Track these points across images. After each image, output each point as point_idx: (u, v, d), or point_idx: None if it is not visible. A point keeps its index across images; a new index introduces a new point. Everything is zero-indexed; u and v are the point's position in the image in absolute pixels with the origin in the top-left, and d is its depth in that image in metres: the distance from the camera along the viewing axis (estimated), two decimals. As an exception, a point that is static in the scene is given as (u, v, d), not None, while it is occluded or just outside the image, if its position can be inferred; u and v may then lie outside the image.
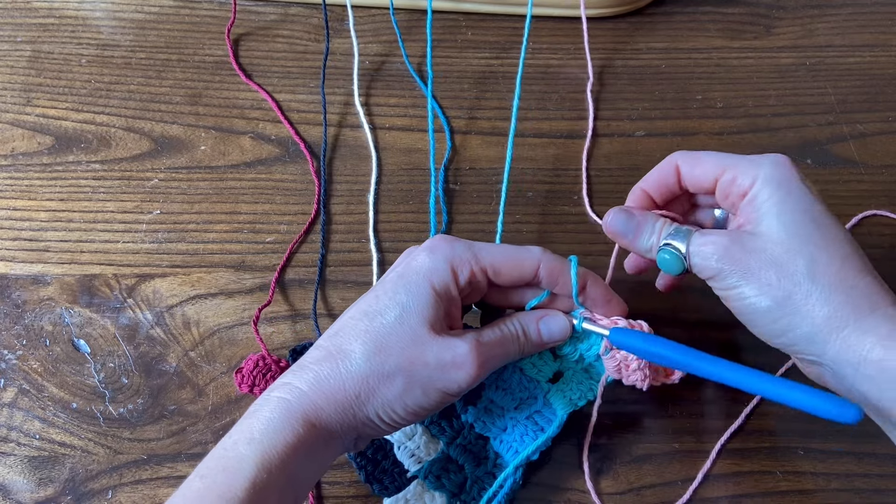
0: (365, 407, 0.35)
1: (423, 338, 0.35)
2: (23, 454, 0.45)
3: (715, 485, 0.44)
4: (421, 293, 0.36)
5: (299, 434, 0.34)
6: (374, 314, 0.36)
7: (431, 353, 0.35)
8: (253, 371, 0.45)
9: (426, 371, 0.35)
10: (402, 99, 0.58)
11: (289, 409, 0.34)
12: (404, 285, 0.36)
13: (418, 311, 0.35)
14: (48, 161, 0.55)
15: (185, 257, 0.51)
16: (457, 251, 0.37)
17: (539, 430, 0.42)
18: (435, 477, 0.42)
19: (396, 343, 0.35)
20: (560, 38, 0.61)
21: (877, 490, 0.44)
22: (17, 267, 0.51)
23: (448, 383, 0.35)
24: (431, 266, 0.36)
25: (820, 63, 0.60)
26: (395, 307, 0.36)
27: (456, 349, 0.35)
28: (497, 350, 0.37)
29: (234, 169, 0.54)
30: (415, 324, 0.35)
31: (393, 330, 0.35)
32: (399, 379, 0.35)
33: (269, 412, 0.34)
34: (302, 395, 0.35)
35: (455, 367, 0.35)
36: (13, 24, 0.61)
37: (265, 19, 0.62)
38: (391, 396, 0.35)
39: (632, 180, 0.53)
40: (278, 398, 0.35)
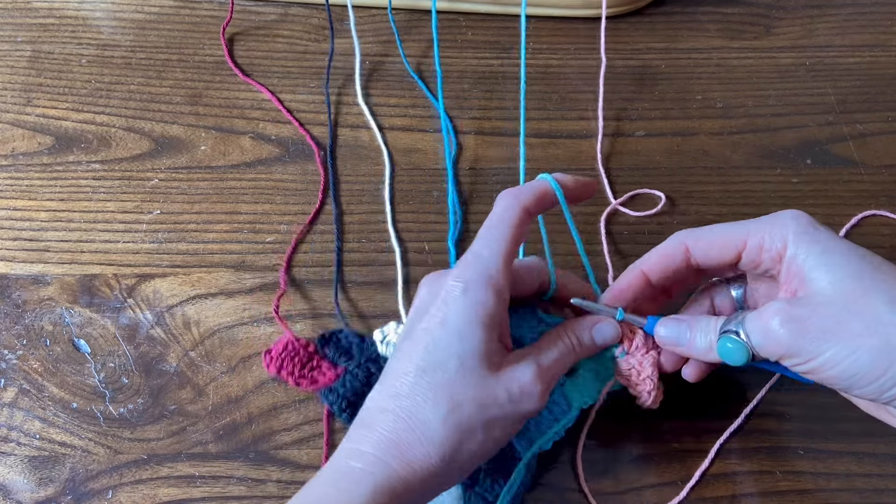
0: (454, 467, 0.34)
1: (489, 379, 0.34)
2: (23, 454, 0.45)
3: (715, 485, 0.44)
4: (474, 335, 0.34)
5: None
6: (434, 367, 0.34)
7: (501, 393, 0.34)
8: (282, 353, 0.45)
9: (501, 411, 0.34)
10: (402, 99, 0.58)
11: (374, 484, 0.32)
12: (453, 330, 0.34)
13: (476, 354, 0.34)
14: (48, 161, 0.55)
15: (185, 257, 0.51)
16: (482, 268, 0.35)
17: (554, 419, 0.41)
18: None
19: (466, 394, 0.34)
20: (560, 38, 0.61)
21: (877, 490, 0.44)
22: (17, 267, 0.51)
23: (521, 414, 0.35)
24: (475, 300, 0.34)
25: (820, 63, 0.60)
26: (454, 357, 0.34)
27: (522, 380, 0.34)
28: (557, 368, 0.37)
29: (234, 169, 0.54)
30: (477, 368, 0.34)
31: (459, 381, 0.34)
32: (480, 432, 0.34)
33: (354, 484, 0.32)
34: (388, 470, 0.33)
35: (525, 397, 0.34)
36: (13, 24, 0.61)
37: (265, 19, 0.62)
38: (477, 450, 0.34)
39: (631, 180, 0.54)
40: (361, 471, 0.33)
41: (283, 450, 0.45)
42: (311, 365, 0.46)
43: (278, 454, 0.45)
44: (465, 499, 0.42)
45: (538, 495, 0.43)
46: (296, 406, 0.46)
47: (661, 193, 0.53)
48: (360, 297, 0.50)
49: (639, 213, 0.52)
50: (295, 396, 0.46)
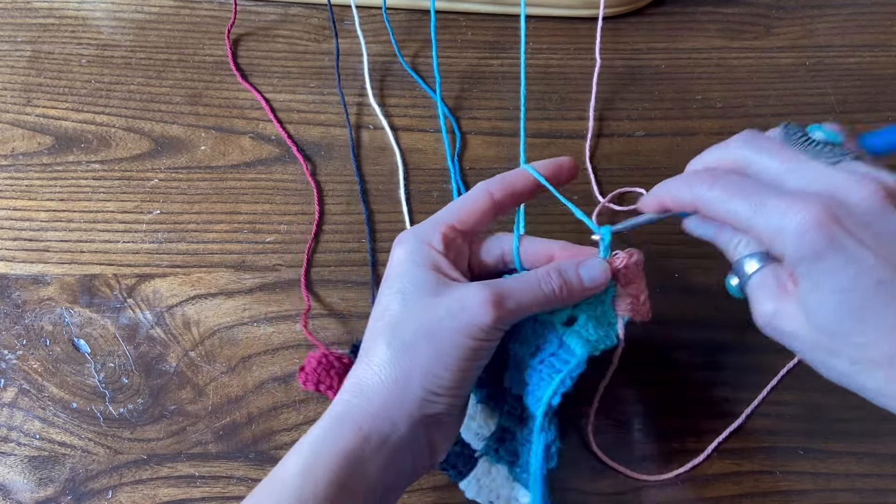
0: (408, 387, 0.35)
1: (430, 302, 0.35)
2: (23, 454, 0.45)
3: (715, 485, 0.44)
4: (411, 273, 0.36)
5: (346, 440, 0.33)
6: (381, 313, 0.36)
7: (442, 308, 0.35)
8: (316, 368, 0.45)
9: (444, 325, 0.34)
10: (402, 99, 0.58)
11: (334, 417, 0.35)
12: (394, 278, 0.37)
13: (415, 287, 0.36)
14: (48, 161, 0.55)
15: (185, 257, 0.51)
16: (419, 228, 0.38)
17: (556, 371, 0.39)
18: (494, 451, 0.42)
19: (408, 319, 0.35)
20: (560, 38, 0.61)
21: (877, 490, 0.44)
22: (17, 267, 0.51)
23: (469, 328, 0.34)
24: (406, 250, 0.37)
25: (820, 63, 0.60)
26: (395, 296, 0.36)
27: (464, 293, 0.35)
28: (517, 289, 0.36)
29: (234, 169, 0.54)
30: (417, 297, 0.35)
31: (401, 313, 0.36)
32: (424, 345, 0.35)
33: (317, 425, 0.35)
34: (345, 403, 0.35)
35: (467, 310, 0.34)
36: (13, 24, 0.61)
37: (265, 19, 0.62)
38: (426, 363, 0.35)
39: (632, 180, 0.54)
40: (327, 413, 0.35)
41: (283, 450, 0.45)
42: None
43: (278, 454, 0.45)
44: (512, 476, 0.41)
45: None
46: (296, 406, 0.46)
47: (643, 190, 0.53)
48: (354, 299, 0.50)
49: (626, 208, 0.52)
50: (295, 396, 0.46)
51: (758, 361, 0.47)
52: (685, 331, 0.48)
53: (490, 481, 0.42)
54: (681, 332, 0.48)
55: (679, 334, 0.48)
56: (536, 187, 0.39)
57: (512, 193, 0.39)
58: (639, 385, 0.46)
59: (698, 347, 0.48)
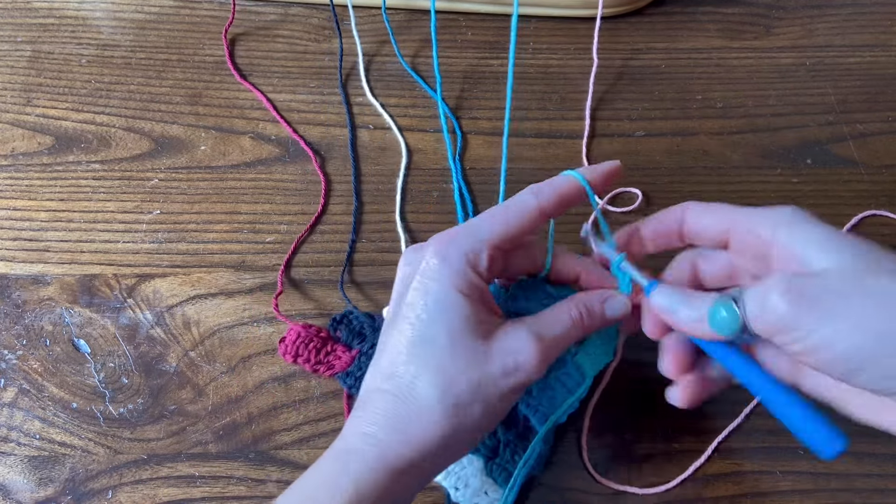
0: (455, 444, 0.34)
1: (481, 352, 0.34)
2: (23, 454, 0.45)
3: (715, 485, 0.44)
4: (456, 304, 0.34)
5: (383, 485, 0.33)
6: (423, 342, 0.34)
7: (495, 365, 0.34)
8: (296, 341, 0.46)
9: (496, 385, 0.34)
10: (402, 99, 0.58)
11: (374, 461, 0.33)
12: (435, 303, 0.34)
13: (463, 324, 0.34)
14: (48, 161, 0.55)
15: (185, 257, 0.51)
16: (465, 244, 0.35)
17: (568, 391, 0.40)
18: None
19: (459, 368, 0.33)
20: (560, 38, 0.61)
21: (877, 490, 0.44)
22: (17, 267, 0.51)
23: (521, 385, 0.34)
24: (451, 271, 0.34)
25: (820, 63, 0.60)
26: (442, 329, 0.34)
27: (517, 352, 0.34)
28: (561, 340, 0.36)
29: (234, 169, 0.54)
30: (467, 339, 0.34)
31: (450, 355, 0.33)
32: (477, 406, 0.34)
33: (354, 462, 0.33)
34: (386, 448, 0.33)
35: (522, 368, 0.34)
36: (13, 24, 0.61)
37: (265, 19, 0.62)
38: (476, 423, 0.34)
39: (632, 180, 0.54)
40: (362, 450, 0.33)
41: (283, 450, 0.45)
42: (326, 350, 0.46)
43: (278, 454, 0.45)
44: (487, 470, 0.42)
45: (540, 495, 0.44)
46: (296, 406, 0.46)
47: (638, 191, 0.53)
48: (364, 295, 0.50)
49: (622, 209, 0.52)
50: (295, 396, 0.46)
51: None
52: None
53: (459, 469, 0.42)
54: (681, 332, 0.48)
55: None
56: (581, 195, 0.37)
57: (559, 203, 0.37)
58: (638, 385, 0.46)
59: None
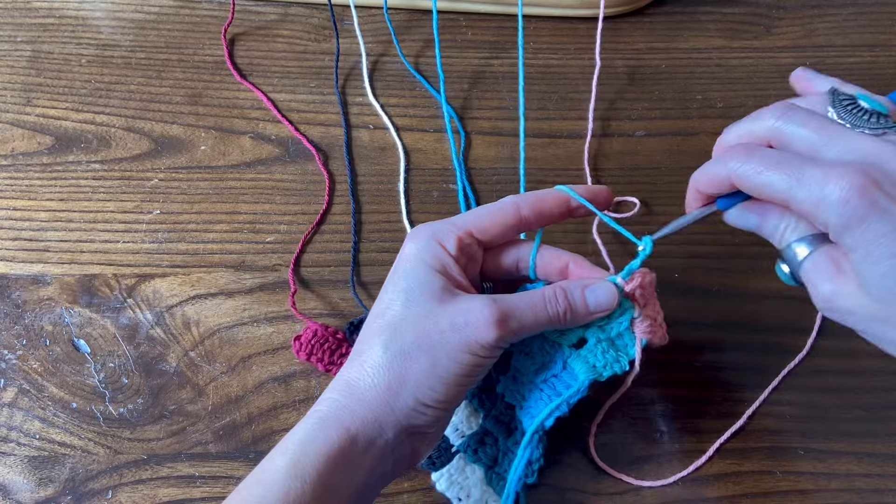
0: (400, 395, 0.34)
1: (433, 310, 0.35)
2: (23, 454, 0.45)
3: (715, 485, 0.44)
4: (418, 273, 0.35)
5: (333, 441, 0.33)
6: (383, 310, 0.36)
7: (444, 319, 0.34)
8: (311, 340, 0.46)
9: (444, 337, 0.34)
10: (402, 99, 0.58)
11: (322, 417, 0.34)
12: (400, 275, 0.36)
13: (421, 289, 0.35)
14: (48, 161, 0.55)
15: (185, 257, 0.51)
16: (436, 226, 0.37)
17: (556, 394, 0.39)
18: (473, 450, 0.42)
19: (409, 324, 0.35)
20: (560, 38, 0.61)
21: (877, 490, 0.44)
22: (17, 267, 0.51)
23: (470, 344, 0.34)
24: (418, 247, 0.36)
25: (820, 63, 0.60)
26: (399, 295, 0.35)
27: (469, 307, 0.35)
28: (522, 309, 0.35)
29: (234, 169, 0.54)
30: (421, 301, 0.35)
31: (403, 315, 0.35)
32: (422, 355, 0.34)
33: (304, 423, 0.34)
34: (334, 402, 0.34)
35: (471, 325, 0.34)
36: (13, 24, 0.61)
37: (265, 19, 0.62)
38: (421, 374, 0.34)
39: (632, 180, 0.54)
40: (313, 411, 0.35)
41: (283, 450, 0.45)
42: (341, 352, 0.46)
43: (278, 454, 0.45)
44: (487, 479, 0.42)
45: (541, 495, 0.43)
46: (296, 406, 0.46)
47: (636, 199, 0.52)
48: (368, 294, 0.50)
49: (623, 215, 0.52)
50: (295, 396, 0.46)
51: (758, 361, 0.47)
52: (686, 331, 0.48)
53: (463, 479, 0.42)
54: (681, 333, 0.48)
55: (679, 334, 0.48)
56: (567, 211, 0.38)
57: (540, 213, 0.38)
58: (639, 385, 0.46)
59: (699, 348, 0.48)
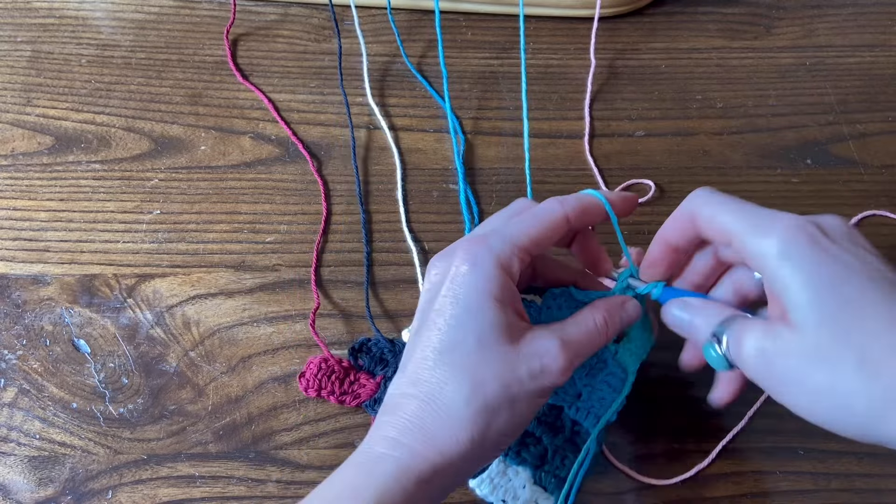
0: (483, 447, 0.34)
1: (510, 355, 0.34)
2: (23, 454, 0.45)
3: (715, 485, 0.44)
4: (486, 310, 0.34)
5: (411, 494, 0.32)
6: (452, 348, 0.34)
7: (522, 367, 0.34)
8: (317, 374, 0.45)
9: (524, 388, 0.34)
10: (402, 99, 0.58)
11: (398, 468, 0.32)
12: (465, 308, 0.34)
13: (492, 329, 0.34)
14: (48, 161, 0.55)
15: (185, 257, 0.51)
16: (495, 246, 0.35)
17: (613, 389, 0.40)
18: (515, 452, 0.42)
19: (487, 372, 0.33)
20: (560, 38, 0.61)
21: (877, 490, 0.44)
22: (17, 267, 0.51)
23: (546, 389, 0.34)
24: (483, 276, 0.34)
25: (820, 63, 0.60)
26: (470, 334, 0.33)
27: (543, 355, 0.34)
28: (584, 343, 0.36)
29: (234, 169, 0.54)
30: (496, 344, 0.33)
31: (478, 359, 0.33)
32: (504, 409, 0.33)
33: (378, 468, 0.32)
34: (412, 452, 0.33)
35: (548, 372, 0.34)
36: (13, 24, 0.61)
37: (265, 19, 0.62)
38: (504, 428, 0.34)
39: (632, 180, 0.54)
40: (386, 456, 0.33)
41: (283, 450, 0.45)
42: (350, 380, 0.45)
43: (278, 454, 0.45)
44: (535, 478, 0.42)
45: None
46: (296, 406, 0.46)
47: (651, 182, 0.53)
48: (372, 294, 0.50)
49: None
50: (295, 396, 0.46)
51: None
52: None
53: (506, 482, 0.42)
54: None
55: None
56: (601, 215, 0.38)
57: (583, 214, 0.37)
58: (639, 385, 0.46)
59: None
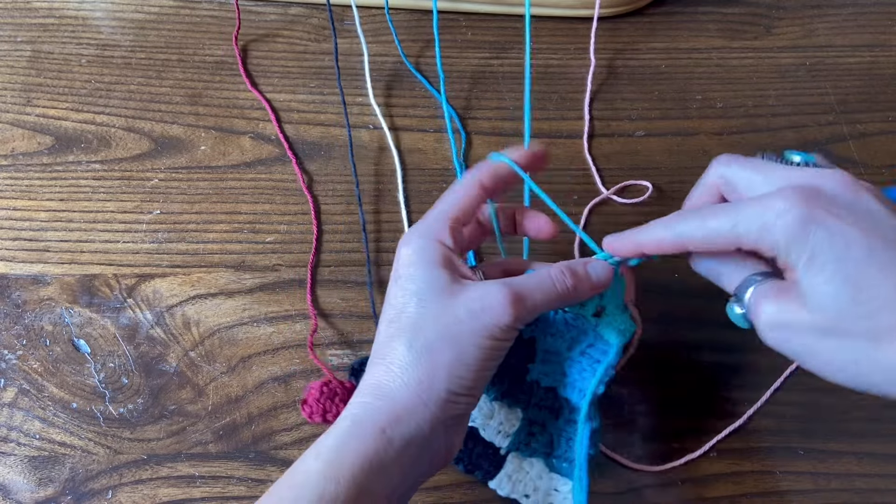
0: (432, 388, 0.35)
1: (448, 303, 0.35)
2: (23, 454, 0.45)
3: (715, 485, 0.44)
4: (424, 273, 0.36)
5: (368, 443, 0.33)
6: (397, 315, 0.36)
7: (461, 309, 0.35)
8: (319, 399, 0.44)
9: (464, 326, 0.35)
10: (402, 99, 0.58)
11: (356, 420, 0.34)
12: (406, 278, 0.36)
13: (430, 287, 0.35)
14: (48, 161, 0.55)
15: (185, 257, 0.51)
16: (426, 225, 0.38)
17: (595, 362, 0.40)
18: (525, 444, 0.42)
19: (428, 321, 0.35)
20: (560, 38, 0.61)
21: (877, 490, 0.44)
22: (17, 267, 0.51)
23: (489, 328, 0.35)
24: (417, 248, 0.37)
25: (820, 63, 0.60)
26: (411, 297, 0.36)
27: (482, 293, 0.35)
28: (532, 288, 0.36)
29: (234, 169, 0.54)
30: (434, 297, 0.35)
31: (419, 314, 0.35)
32: (446, 347, 0.35)
33: (336, 427, 0.34)
34: (366, 406, 0.34)
35: (488, 310, 0.35)
36: (13, 24, 0.61)
37: (265, 20, 0.62)
38: (447, 364, 0.35)
39: (632, 180, 0.54)
40: (345, 415, 0.35)
41: (283, 450, 0.45)
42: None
43: (278, 454, 0.45)
44: (549, 466, 0.42)
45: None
46: (296, 406, 0.46)
47: (648, 183, 0.53)
48: (368, 294, 0.50)
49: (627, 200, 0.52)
50: (295, 396, 0.46)
51: (759, 361, 0.47)
52: (686, 331, 0.48)
53: (524, 476, 0.42)
54: (681, 333, 0.48)
55: (680, 335, 0.48)
56: (513, 175, 0.40)
57: (497, 182, 0.39)
58: (639, 385, 0.46)
59: (699, 348, 0.48)
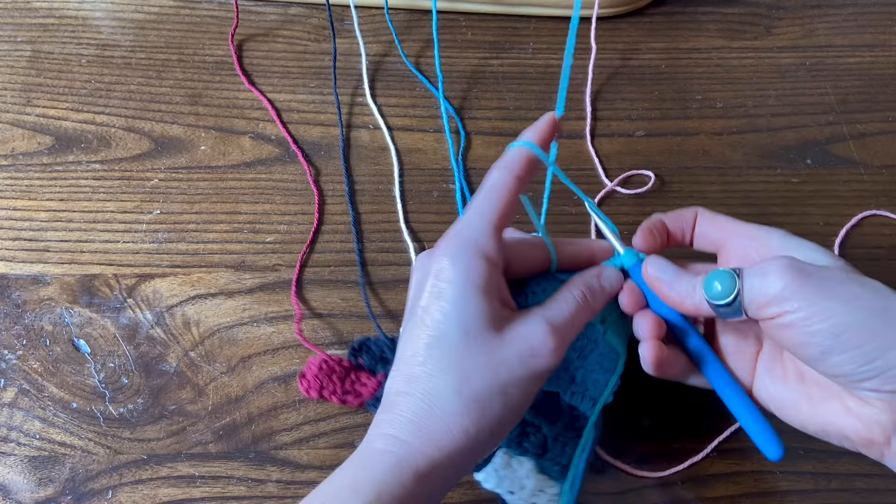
0: (478, 440, 0.34)
1: (496, 343, 0.34)
2: (23, 454, 0.45)
3: (715, 485, 0.44)
4: (469, 300, 0.34)
5: (409, 488, 0.32)
6: (439, 342, 0.34)
7: (509, 352, 0.34)
8: (318, 374, 0.44)
9: (514, 373, 0.34)
10: (402, 99, 0.58)
11: (396, 463, 0.33)
12: (449, 301, 0.34)
13: (477, 319, 0.34)
14: (48, 161, 0.55)
15: (185, 257, 0.51)
16: (472, 236, 0.35)
17: (606, 370, 0.40)
18: (516, 443, 0.42)
19: (475, 362, 0.33)
20: (560, 38, 0.61)
21: (877, 490, 0.44)
22: (17, 267, 0.51)
23: (536, 374, 0.34)
24: (463, 267, 0.34)
25: (820, 63, 0.60)
26: (455, 327, 0.34)
27: (530, 338, 0.34)
28: (570, 321, 0.36)
29: (234, 169, 0.54)
30: (481, 333, 0.34)
31: (465, 350, 0.33)
32: (496, 398, 0.34)
33: (376, 464, 0.33)
34: (408, 447, 0.33)
35: (536, 355, 0.34)
36: (13, 24, 0.61)
37: (265, 20, 0.62)
38: (498, 416, 0.34)
39: (632, 180, 0.54)
40: (383, 448, 0.33)
41: (283, 450, 0.45)
42: (351, 379, 0.45)
43: (278, 454, 0.45)
44: (538, 468, 0.42)
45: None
46: (296, 406, 0.46)
47: (650, 173, 0.53)
48: (373, 293, 0.50)
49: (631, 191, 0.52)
50: (295, 396, 0.46)
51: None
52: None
53: (511, 473, 0.42)
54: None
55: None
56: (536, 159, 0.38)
57: (527, 168, 0.37)
58: (639, 385, 0.46)
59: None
